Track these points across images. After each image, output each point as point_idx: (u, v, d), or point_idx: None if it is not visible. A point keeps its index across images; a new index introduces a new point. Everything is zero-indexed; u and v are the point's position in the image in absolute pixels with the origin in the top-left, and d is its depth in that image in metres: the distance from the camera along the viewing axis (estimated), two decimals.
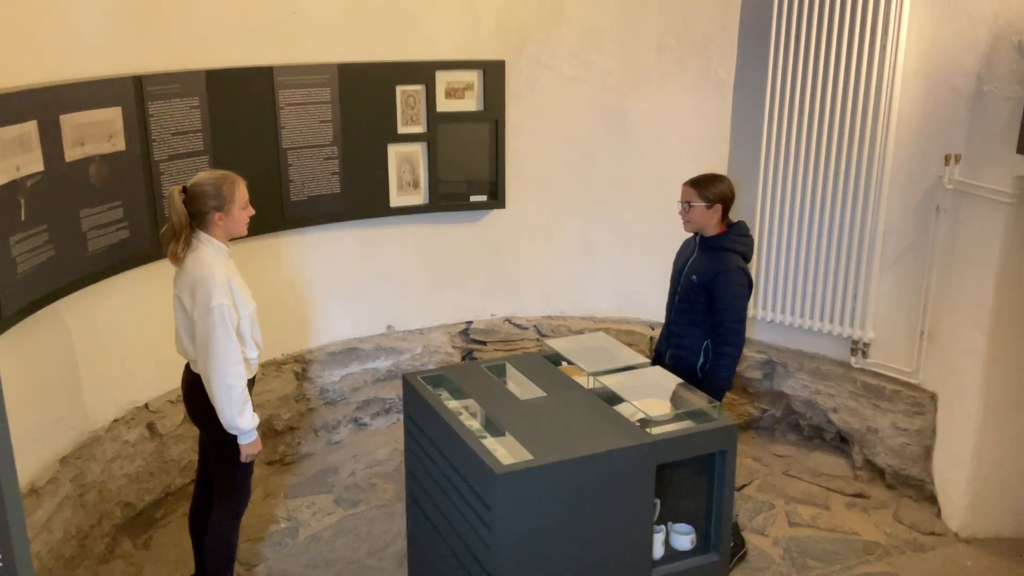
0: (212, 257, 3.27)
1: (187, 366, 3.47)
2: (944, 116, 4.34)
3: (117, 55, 3.90)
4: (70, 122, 3.61)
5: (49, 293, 3.56)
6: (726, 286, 3.79)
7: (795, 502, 4.67)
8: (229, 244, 3.38)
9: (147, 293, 4.08)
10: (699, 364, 3.89)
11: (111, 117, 3.83)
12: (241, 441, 3.35)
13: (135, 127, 3.96)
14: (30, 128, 3.40)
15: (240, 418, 3.28)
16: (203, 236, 3.29)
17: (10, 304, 3.28)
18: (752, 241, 3.95)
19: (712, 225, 3.88)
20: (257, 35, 4.49)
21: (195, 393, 3.39)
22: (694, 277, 3.88)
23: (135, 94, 3.94)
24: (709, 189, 3.83)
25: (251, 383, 3.45)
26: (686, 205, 3.86)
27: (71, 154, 3.63)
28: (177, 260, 3.29)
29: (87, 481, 3.89)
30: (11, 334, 3.31)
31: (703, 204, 3.82)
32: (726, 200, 3.87)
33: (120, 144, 3.89)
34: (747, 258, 3.90)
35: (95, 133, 3.76)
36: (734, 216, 3.94)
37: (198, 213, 3.27)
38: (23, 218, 3.37)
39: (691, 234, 4.00)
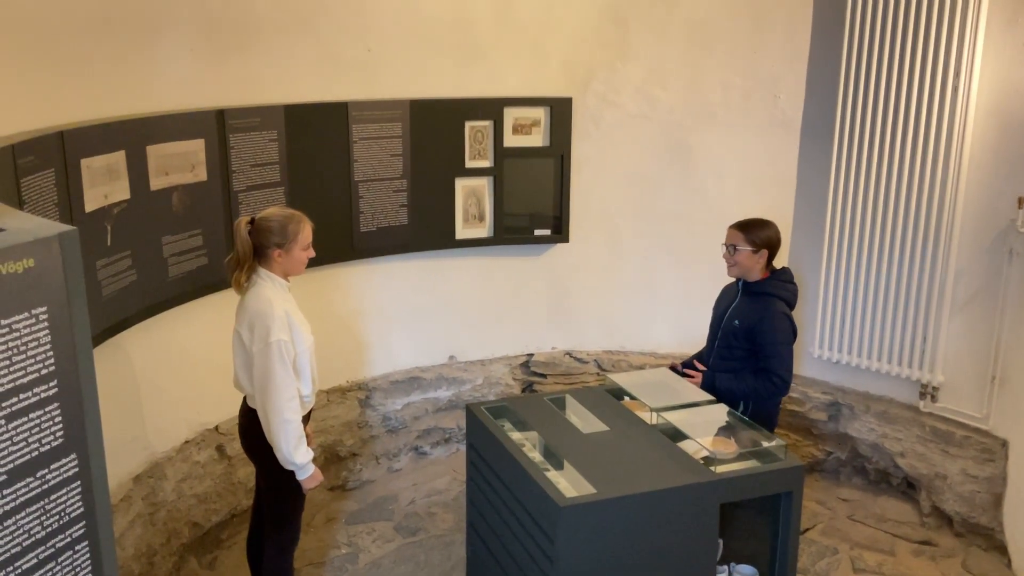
0: (271, 292, 3.28)
1: (244, 400, 3.49)
2: (1017, 158, 4.28)
3: (201, 89, 4.07)
4: (156, 152, 3.77)
5: (131, 316, 3.70)
6: (770, 332, 3.71)
7: (860, 547, 4.57)
8: (289, 279, 3.40)
9: (221, 318, 4.18)
10: (739, 411, 3.83)
11: (194, 148, 3.99)
12: (299, 477, 3.36)
13: (216, 158, 4.11)
14: (119, 158, 3.56)
15: (296, 453, 3.28)
16: (262, 271, 3.31)
17: (94, 326, 3.40)
18: (796, 288, 3.88)
19: (756, 270, 3.80)
20: (333, 72, 4.64)
21: (251, 427, 3.41)
22: (736, 322, 3.81)
23: (217, 127, 4.10)
24: (756, 233, 3.76)
25: (306, 419, 3.46)
26: (731, 248, 3.79)
27: (156, 183, 3.79)
28: (240, 289, 3.33)
29: (158, 500, 4.00)
30: (94, 354, 3.44)
31: (749, 248, 3.76)
32: (772, 246, 3.79)
33: (202, 174, 4.04)
34: (791, 305, 3.82)
35: (179, 163, 3.91)
36: (786, 261, 3.87)
37: (260, 246, 3.29)
38: (109, 243, 3.52)
39: (732, 279, 3.95)
